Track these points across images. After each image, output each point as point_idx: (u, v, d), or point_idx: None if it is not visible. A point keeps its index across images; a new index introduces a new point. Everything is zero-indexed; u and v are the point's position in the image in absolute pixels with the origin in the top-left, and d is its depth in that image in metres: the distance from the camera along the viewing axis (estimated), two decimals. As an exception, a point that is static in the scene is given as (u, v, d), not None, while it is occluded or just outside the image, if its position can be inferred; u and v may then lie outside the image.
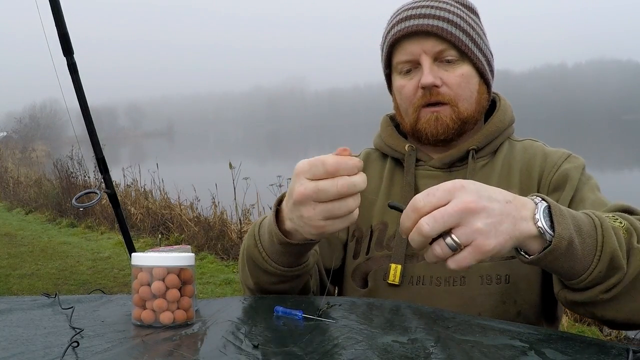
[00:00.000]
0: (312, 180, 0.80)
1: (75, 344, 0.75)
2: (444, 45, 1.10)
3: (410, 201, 0.74)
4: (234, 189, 7.02)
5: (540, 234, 0.76)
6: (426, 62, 1.10)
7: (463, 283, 1.07)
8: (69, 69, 2.15)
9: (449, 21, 1.10)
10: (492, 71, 1.18)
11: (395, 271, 1.11)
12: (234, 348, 0.75)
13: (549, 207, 0.78)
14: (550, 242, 0.76)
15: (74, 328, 0.84)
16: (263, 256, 0.99)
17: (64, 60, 2.15)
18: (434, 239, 0.73)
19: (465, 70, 1.12)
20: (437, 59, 1.11)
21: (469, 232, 0.71)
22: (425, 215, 0.72)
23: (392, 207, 0.82)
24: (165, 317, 0.84)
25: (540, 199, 0.79)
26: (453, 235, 0.72)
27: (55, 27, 2.11)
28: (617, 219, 0.85)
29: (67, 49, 2.12)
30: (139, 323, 0.85)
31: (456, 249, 0.72)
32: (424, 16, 1.10)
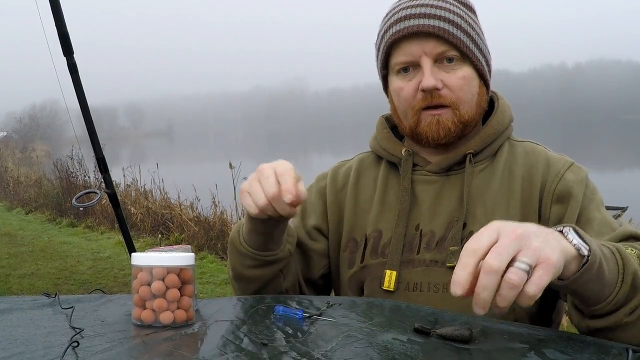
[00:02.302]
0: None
1: (75, 344, 0.75)
2: (445, 47, 1.06)
3: (463, 253, 0.73)
4: (234, 188, 7.01)
5: (577, 250, 0.77)
6: (427, 64, 1.07)
7: None
8: (69, 69, 2.16)
9: (449, 21, 1.07)
10: (490, 71, 1.16)
11: (390, 277, 1.09)
12: (234, 348, 0.75)
13: (575, 230, 0.79)
14: (588, 257, 0.76)
15: (74, 328, 0.84)
16: (240, 239, 1.07)
17: (64, 60, 2.15)
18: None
19: (466, 72, 1.08)
20: (438, 60, 1.07)
21: (531, 252, 0.71)
22: (484, 255, 0.71)
23: (419, 330, 0.81)
24: (165, 317, 0.84)
25: (562, 227, 0.80)
26: (522, 258, 0.71)
27: (55, 27, 2.11)
28: (627, 247, 0.87)
29: (67, 49, 2.12)
30: (139, 323, 0.85)
31: (529, 270, 0.70)
32: (424, 16, 1.07)
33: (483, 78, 1.13)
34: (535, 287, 0.70)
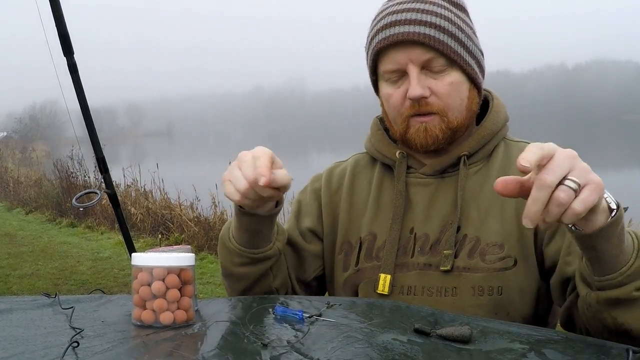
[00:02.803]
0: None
1: (75, 344, 0.75)
2: (432, 54, 1.04)
3: (530, 146, 0.75)
4: (234, 189, 7.00)
5: (607, 203, 0.80)
6: (413, 72, 1.05)
7: (455, 294, 1.04)
8: (69, 69, 2.15)
9: (436, 27, 1.04)
10: (482, 72, 1.13)
11: (384, 281, 1.08)
12: (234, 348, 0.75)
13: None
14: (616, 211, 0.80)
15: (74, 328, 0.84)
16: (229, 235, 1.08)
17: (64, 60, 2.15)
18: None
19: (454, 77, 1.06)
20: (425, 67, 1.06)
21: (580, 172, 0.74)
22: (545, 160, 0.74)
23: (419, 330, 0.82)
24: (166, 318, 0.84)
25: None
26: (571, 177, 0.73)
27: (55, 27, 2.11)
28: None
29: (67, 49, 2.12)
30: (139, 323, 0.85)
31: (577, 189, 0.73)
32: (410, 22, 1.04)
33: (474, 81, 1.10)
34: (583, 204, 0.73)
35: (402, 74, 1.08)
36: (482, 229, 1.06)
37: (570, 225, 0.80)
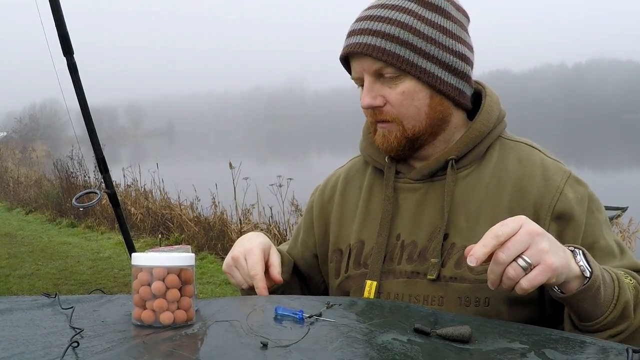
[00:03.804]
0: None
1: (75, 344, 0.75)
2: (380, 64, 1.02)
3: (488, 234, 0.83)
4: (234, 189, 7.03)
5: (582, 272, 0.87)
6: (366, 81, 1.05)
7: (441, 303, 1.02)
8: (69, 69, 2.15)
9: (385, 36, 1.01)
10: (458, 75, 1.06)
11: (370, 287, 1.07)
12: (234, 348, 0.75)
13: (584, 253, 0.89)
14: (589, 278, 0.86)
15: (74, 328, 0.84)
16: None
17: (64, 60, 2.15)
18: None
19: (406, 86, 1.03)
20: (380, 75, 1.04)
21: (536, 252, 0.81)
22: (503, 242, 0.82)
23: (419, 330, 0.82)
24: (166, 317, 0.84)
25: (574, 247, 0.90)
26: (524, 257, 0.82)
27: (55, 27, 2.11)
28: (627, 277, 0.96)
29: (67, 49, 2.12)
30: (139, 323, 0.85)
31: (527, 268, 0.81)
32: (362, 32, 1.03)
33: (435, 88, 1.05)
34: (528, 283, 0.82)
35: (363, 81, 1.08)
36: (471, 238, 1.02)
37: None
